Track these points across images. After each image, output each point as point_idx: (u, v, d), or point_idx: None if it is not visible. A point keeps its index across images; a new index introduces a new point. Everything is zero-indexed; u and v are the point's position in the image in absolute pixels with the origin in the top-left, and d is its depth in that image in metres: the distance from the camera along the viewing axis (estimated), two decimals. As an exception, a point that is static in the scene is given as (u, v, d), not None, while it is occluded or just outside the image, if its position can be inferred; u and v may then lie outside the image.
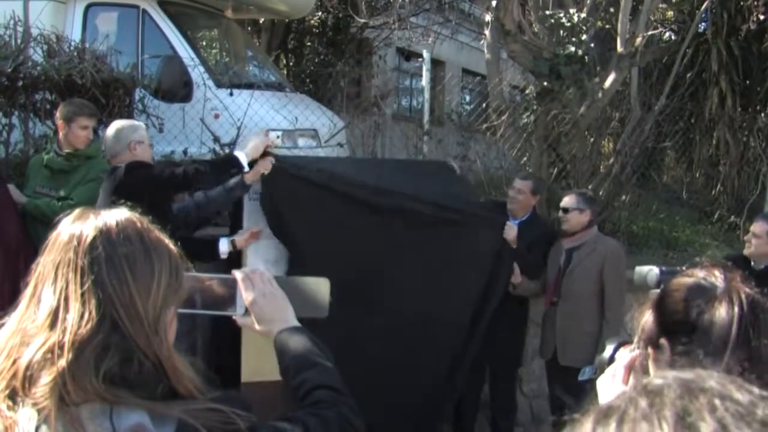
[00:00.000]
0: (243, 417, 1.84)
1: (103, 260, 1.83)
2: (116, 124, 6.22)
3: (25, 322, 1.82)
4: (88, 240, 1.85)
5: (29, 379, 1.73)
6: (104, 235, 1.87)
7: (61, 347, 1.74)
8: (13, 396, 1.75)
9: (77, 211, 1.96)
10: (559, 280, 7.10)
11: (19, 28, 9.11)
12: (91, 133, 7.04)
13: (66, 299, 1.80)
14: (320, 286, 2.69)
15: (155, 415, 1.75)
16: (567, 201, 7.18)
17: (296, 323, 2.42)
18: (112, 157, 6.09)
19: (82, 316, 1.77)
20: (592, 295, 6.94)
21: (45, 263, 1.87)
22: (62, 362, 1.72)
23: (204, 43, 12.40)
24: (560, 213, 7.18)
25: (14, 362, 1.76)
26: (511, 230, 6.95)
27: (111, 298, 1.81)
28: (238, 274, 2.43)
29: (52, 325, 1.78)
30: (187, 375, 1.86)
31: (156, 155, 9.08)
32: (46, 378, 1.71)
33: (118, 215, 1.94)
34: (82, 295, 1.79)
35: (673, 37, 12.89)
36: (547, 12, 10.61)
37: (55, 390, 1.70)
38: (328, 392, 2.26)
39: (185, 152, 9.56)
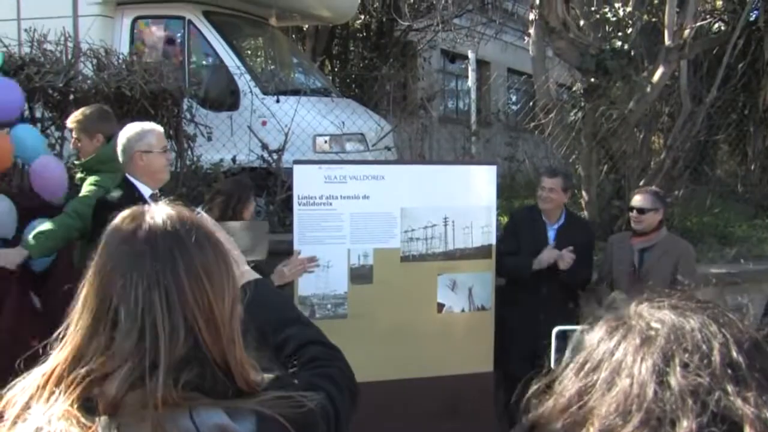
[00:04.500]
0: (308, 397, 1.82)
1: (183, 272, 1.76)
2: (124, 132, 5.58)
3: (98, 336, 1.73)
4: (163, 250, 1.78)
5: (114, 399, 1.66)
6: (179, 242, 1.80)
7: (153, 366, 1.67)
8: (88, 405, 1.68)
9: (130, 214, 1.86)
10: (633, 282, 6.91)
11: (69, 44, 9.20)
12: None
13: (151, 315, 1.71)
14: (261, 228, 2.65)
15: (232, 412, 1.72)
16: (642, 201, 6.91)
17: (254, 273, 2.39)
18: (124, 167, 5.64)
19: (168, 333, 1.71)
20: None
21: (111, 274, 1.76)
22: (152, 384, 1.65)
23: (249, 52, 12.45)
24: (633, 213, 6.97)
25: (89, 372, 1.69)
26: (566, 259, 6.81)
27: (193, 310, 1.75)
28: None
29: (137, 343, 1.69)
30: (253, 375, 1.83)
31: (205, 163, 9.14)
32: (133, 398, 1.66)
33: (182, 217, 1.86)
34: (168, 310, 1.72)
35: (722, 28, 12.69)
36: (592, 7, 10.53)
37: (140, 406, 1.65)
38: (320, 348, 2.26)
39: (234, 160, 9.63)
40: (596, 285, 7.24)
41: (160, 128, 5.70)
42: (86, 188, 5.94)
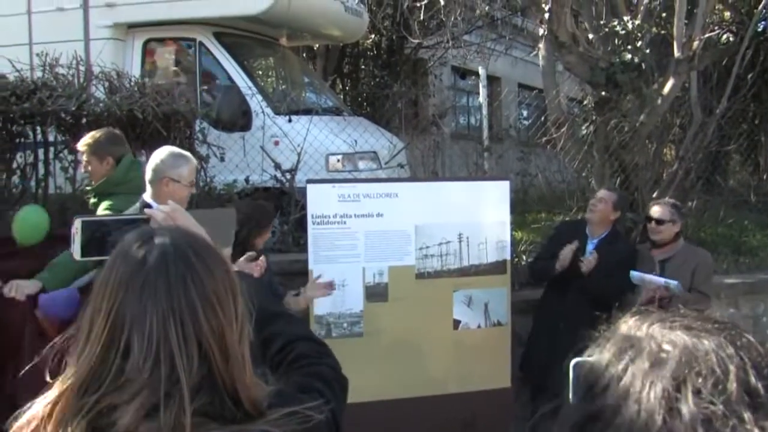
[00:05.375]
0: (314, 408, 1.81)
1: (197, 298, 1.73)
2: (159, 153, 5.48)
3: (107, 364, 1.69)
4: (175, 276, 1.74)
5: (127, 430, 1.63)
6: (190, 268, 1.76)
7: (167, 395, 1.64)
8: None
9: (138, 237, 1.82)
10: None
11: (81, 67, 9.26)
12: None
13: (167, 345, 1.68)
14: (228, 216, 2.65)
15: None
16: (660, 212, 6.91)
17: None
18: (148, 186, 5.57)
19: (185, 363, 1.67)
20: (685, 304, 6.78)
21: (122, 301, 1.72)
22: (167, 415, 1.63)
23: (261, 72, 12.51)
24: (651, 224, 6.96)
25: (98, 401, 1.66)
26: (585, 262, 6.82)
27: (208, 338, 1.72)
28: (157, 214, 2.33)
29: (152, 373, 1.65)
30: (260, 398, 1.79)
31: (218, 184, 9.17)
32: (147, 428, 1.63)
33: (190, 239, 1.85)
34: (184, 339, 1.69)
35: (731, 39, 12.70)
36: (601, 21, 10.54)
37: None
38: (308, 344, 2.25)
39: (247, 180, 9.66)
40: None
41: (194, 162, 5.67)
42: (100, 214, 5.93)
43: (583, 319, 6.65)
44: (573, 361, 1.41)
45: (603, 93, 10.05)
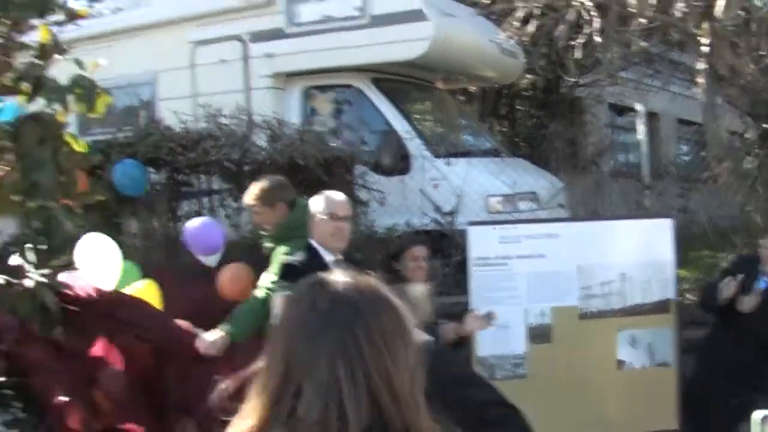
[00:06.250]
0: None
1: (365, 343, 1.74)
2: (311, 198, 5.80)
3: (280, 405, 1.73)
4: (345, 322, 1.76)
5: None
6: (359, 313, 1.78)
7: None
8: None
9: (309, 284, 1.87)
10: None
11: (243, 117, 9.56)
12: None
13: (336, 388, 1.70)
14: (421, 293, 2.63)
15: None
16: None
17: (423, 334, 2.33)
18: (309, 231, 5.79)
19: (354, 407, 1.68)
20: None
21: (293, 345, 1.78)
22: None
23: (418, 116, 12.64)
24: None
25: None
26: (748, 302, 6.60)
27: (376, 382, 1.71)
28: None
29: (323, 416, 1.68)
30: None
31: (379, 228, 9.29)
32: None
33: (362, 285, 1.86)
34: (353, 383, 1.70)
35: None
36: (761, 52, 10.30)
37: None
38: (501, 409, 2.25)
39: (407, 223, 9.74)
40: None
41: (340, 196, 5.79)
42: (277, 260, 6.05)
43: (747, 362, 6.52)
44: (760, 415, 1.39)
45: (765, 125, 9.81)
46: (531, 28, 10.04)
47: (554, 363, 6.46)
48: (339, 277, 1.88)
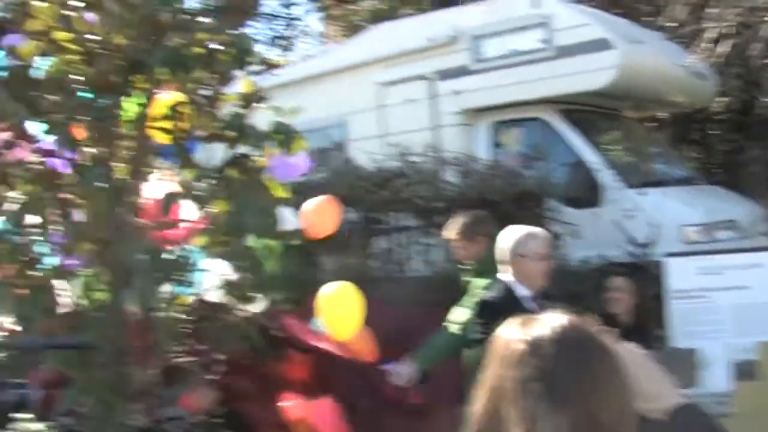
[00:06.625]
0: None
1: (577, 398, 1.71)
2: (506, 233, 5.65)
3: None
4: (557, 372, 1.73)
5: None
6: (571, 365, 1.74)
7: None
8: None
9: (518, 329, 1.83)
10: None
11: (433, 154, 9.64)
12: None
13: (534, 417, 1.69)
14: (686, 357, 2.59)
15: None
16: None
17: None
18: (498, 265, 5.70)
19: None
20: None
21: (501, 392, 1.77)
22: None
23: (607, 146, 12.46)
24: None
25: None
26: None
27: (577, 418, 1.69)
28: None
29: None
30: None
31: (573, 261, 9.18)
32: None
33: (578, 332, 1.82)
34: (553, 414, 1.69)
35: None
36: None
37: None
38: None
39: (600, 256, 9.58)
40: None
41: (543, 234, 5.76)
42: (472, 295, 6.05)
43: None
44: None
45: None
46: (722, 48, 9.77)
47: (763, 402, 6.20)
48: (552, 320, 1.83)
